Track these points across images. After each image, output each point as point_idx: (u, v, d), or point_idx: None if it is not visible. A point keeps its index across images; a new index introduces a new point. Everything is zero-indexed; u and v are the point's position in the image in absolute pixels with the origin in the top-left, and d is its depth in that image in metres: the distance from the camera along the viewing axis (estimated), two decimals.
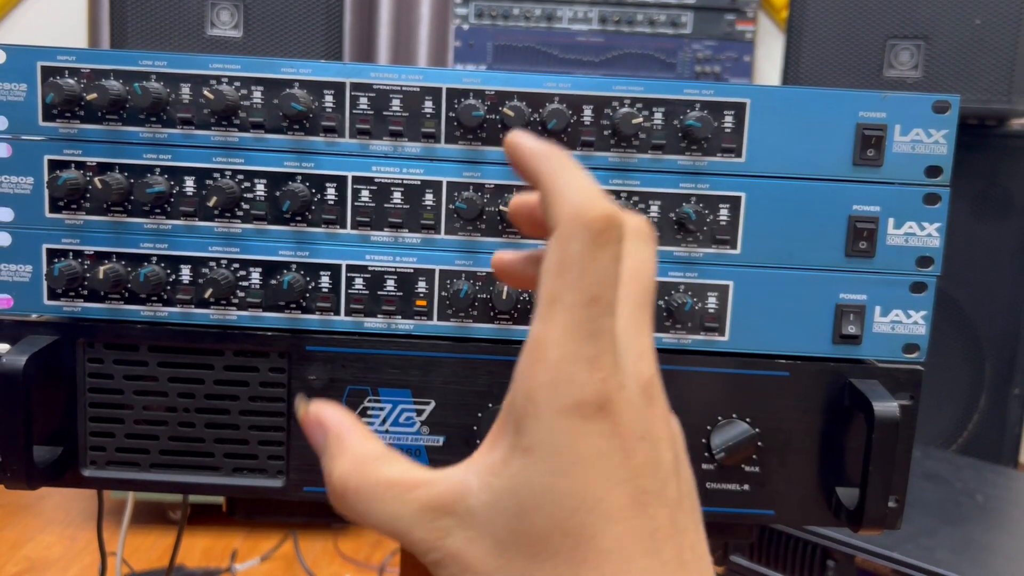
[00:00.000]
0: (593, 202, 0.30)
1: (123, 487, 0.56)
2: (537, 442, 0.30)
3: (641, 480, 0.30)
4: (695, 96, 0.53)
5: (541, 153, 0.33)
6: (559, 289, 0.30)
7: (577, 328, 0.30)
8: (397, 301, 0.55)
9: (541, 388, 0.30)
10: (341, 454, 0.33)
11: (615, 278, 0.31)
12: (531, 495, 0.29)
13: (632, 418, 0.30)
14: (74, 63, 0.53)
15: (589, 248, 0.30)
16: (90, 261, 0.54)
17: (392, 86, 0.53)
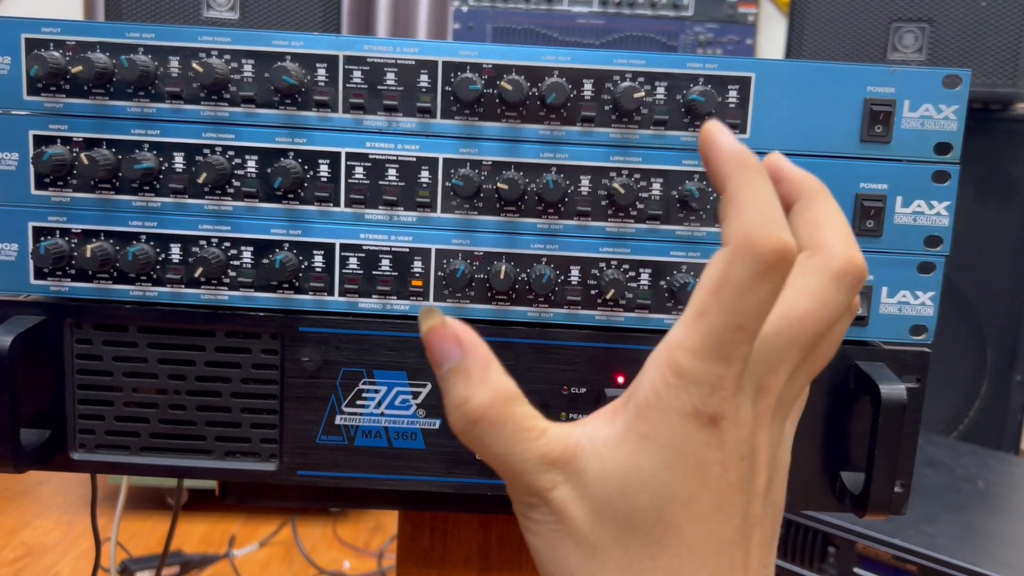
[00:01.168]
0: (770, 232, 0.31)
1: (113, 471, 0.55)
2: (654, 433, 0.33)
3: (731, 493, 0.33)
4: (698, 70, 0.52)
5: (734, 160, 0.33)
6: (711, 305, 0.32)
7: (715, 347, 0.32)
8: (392, 281, 0.54)
9: (669, 388, 0.32)
10: (485, 382, 0.34)
11: (767, 310, 0.32)
12: (639, 478, 0.33)
13: (738, 439, 0.33)
14: (59, 35, 0.51)
15: (752, 277, 0.31)
16: (77, 239, 0.53)
17: (387, 59, 0.52)
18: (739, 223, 0.32)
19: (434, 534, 0.68)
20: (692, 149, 0.53)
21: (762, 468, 0.35)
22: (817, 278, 0.35)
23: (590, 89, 0.52)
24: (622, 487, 0.33)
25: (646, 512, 0.33)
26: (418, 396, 0.54)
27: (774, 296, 0.32)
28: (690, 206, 0.53)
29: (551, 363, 0.54)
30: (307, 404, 0.54)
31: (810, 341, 0.35)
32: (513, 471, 0.34)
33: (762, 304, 0.31)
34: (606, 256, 0.54)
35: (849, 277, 0.35)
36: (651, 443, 0.33)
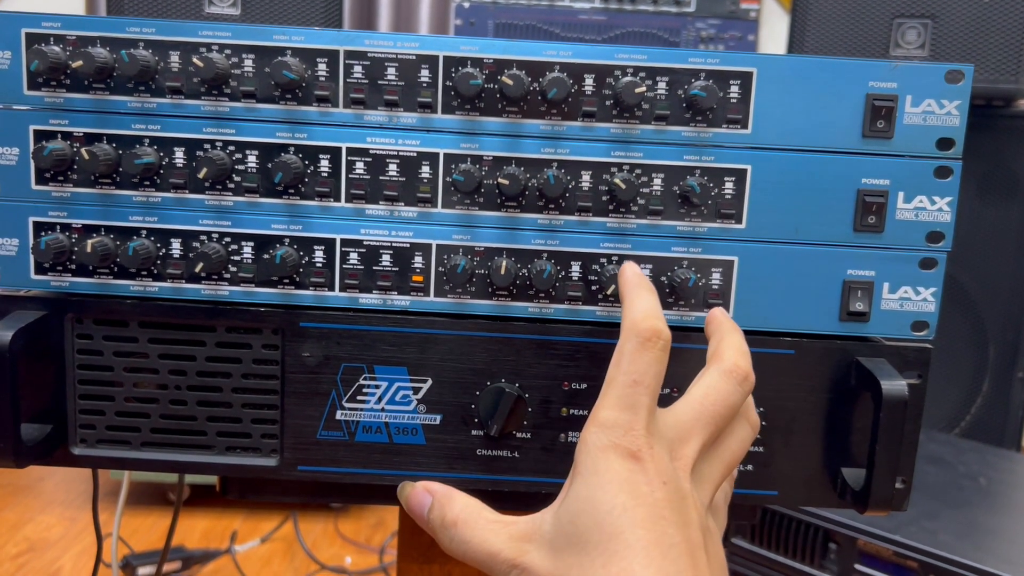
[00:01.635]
0: (646, 318, 0.44)
1: (114, 466, 0.55)
2: (583, 468, 0.42)
3: (661, 508, 0.40)
4: (700, 65, 0.52)
5: (629, 281, 0.47)
6: (613, 374, 0.43)
7: (620, 400, 0.42)
8: (393, 276, 0.54)
9: (591, 434, 0.42)
10: (452, 503, 0.46)
11: (656, 373, 0.43)
12: (577, 504, 0.41)
13: (658, 469, 0.41)
14: (59, 30, 0.51)
15: (637, 348, 0.43)
16: (78, 234, 0.53)
17: (387, 54, 0.52)
18: (628, 316, 0.44)
19: None
20: (693, 144, 0.52)
21: (692, 503, 0.42)
22: (710, 375, 0.45)
23: (591, 84, 0.52)
24: (569, 519, 0.41)
25: (589, 528, 0.40)
26: (419, 392, 0.54)
27: (658, 362, 0.43)
28: (691, 201, 0.52)
29: (552, 359, 0.54)
30: (308, 399, 0.54)
31: (710, 419, 0.44)
32: (491, 553, 0.43)
33: (649, 365, 0.42)
34: (607, 251, 0.53)
35: (735, 374, 0.45)
36: (583, 476, 0.41)
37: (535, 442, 0.55)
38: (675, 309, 0.54)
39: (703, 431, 0.44)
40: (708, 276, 0.54)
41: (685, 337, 0.54)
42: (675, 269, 0.54)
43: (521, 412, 0.54)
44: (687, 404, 0.44)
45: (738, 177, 0.53)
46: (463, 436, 0.55)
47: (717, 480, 0.45)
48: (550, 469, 0.55)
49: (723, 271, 0.54)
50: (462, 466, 0.55)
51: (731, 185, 0.53)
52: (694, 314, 0.54)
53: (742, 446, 0.46)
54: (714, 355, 0.47)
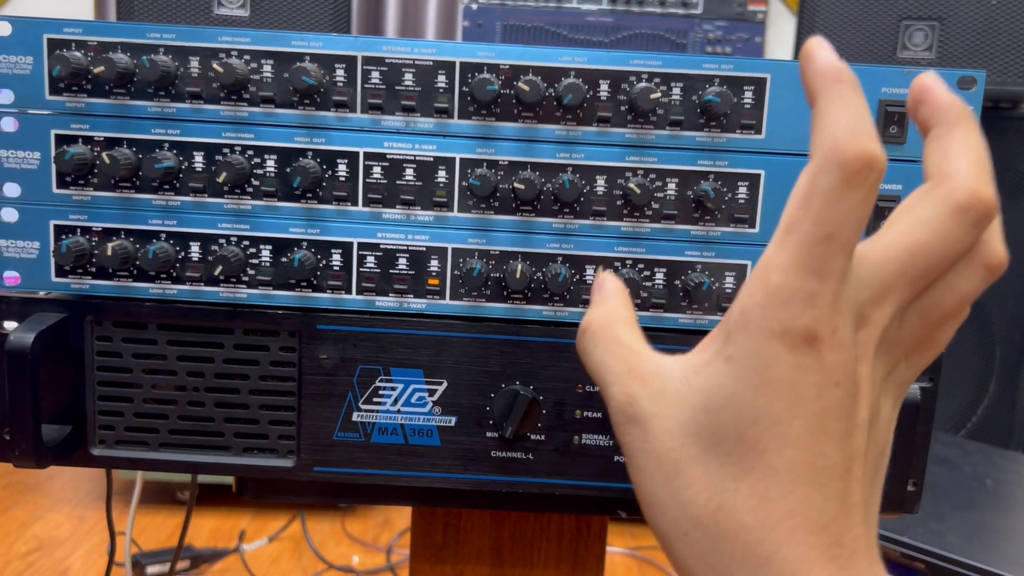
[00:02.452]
0: (855, 140, 0.30)
1: (132, 466, 0.56)
2: (739, 354, 0.32)
3: (825, 420, 0.31)
4: (714, 71, 0.52)
5: (828, 74, 0.32)
6: (798, 218, 0.31)
7: (805, 261, 0.30)
8: (409, 280, 0.54)
9: (756, 307, 0.31)
10: (601, 305, 0.40)
11: (859, 221, 0.30)
12: (721, 396, 0.32)
13: (834, 362, 0.31)
14: (81, 35, 0.52)
15: (838, 186, 0.30)
16: (98, 238, 0.54)
17: (404, 60, 0.52)
18: (825, 133, 0.31)
19: (447, 530, 0.68)
20: (707, 149, 0.53)
21: (863, 400, 0.32)
22: (935, 209, 0.33)
23: (606, 90, 0.52)
24: (704, 406, 0.33)
25: (727, 431, 0.32)
26: (434, 394, 0.55)
27: (864, 206, 0.31)
28: (705, 206, 0.53)
29: (566, 361, 0.54)
30: (324, 401, 0.55)
31: (920, 275, 0.33)
32: (604, 380, 0.37)
33: (851, 212, 0.30)
34: (621, 255, 0.54)
35: (972, 212, 0.32)
36: (736, 363, 0.32)
37: (549, 444, 0.55)
38: (689, 313, 0.54)
39: (907, 288, 0.33)
40: (722, 280, 0.54)
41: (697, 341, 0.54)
42: (689, 273, 0.54)
43: (535, 414, 0.54)
44: (894, 249, 0.33)
45: (751, 182, 0.53)
46: (478, 438, 0.55)
47: (911, 343, 0.35)
48: (564, 471, 0.55)
49: (737, 275, 0.54)
50: (477, 467, 0.55)
51: (744, 190, 0.53)
52: (708, 317, 0.55)
53: (960, 299, 0.34)
54: (940, 169, 0.33)
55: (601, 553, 0.69)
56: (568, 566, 0.69)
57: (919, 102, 0.36)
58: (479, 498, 0.60)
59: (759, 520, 0.31)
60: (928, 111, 0.36)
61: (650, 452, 0.34)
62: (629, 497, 0.57)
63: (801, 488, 0.31)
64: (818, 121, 0.32)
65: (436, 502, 0.61)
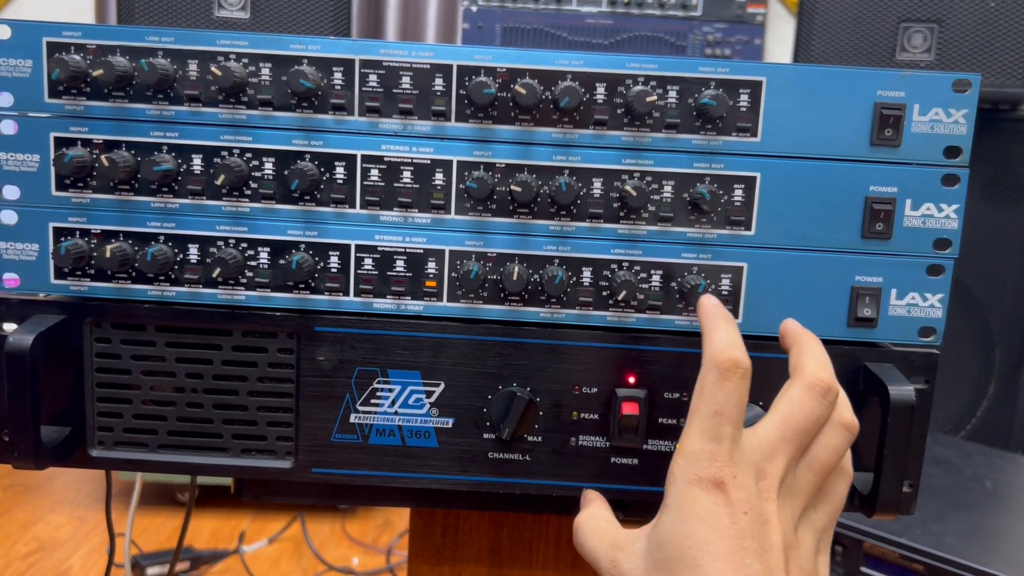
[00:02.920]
0: (726, 349, 0.45)
1: (131, 468, 0.56)
2: (671, 500, 0.44)
3: (741, 539, 0.42)
4: (710, 74, 0.52)
5: (708, 313, 0.48)
6: (696, 405, 0.45)
7: (704, 431, 0.44)
8: (406, 282, 0.54)
9: (678, 467, 0.44)
10: (586, 507, 0.52)
11: (737, 402, 0.44)
12: (664, 535, 0.44)
13: (739, 498, 0.43)
14: (80, 39, 0.52)
15: (717, 379, 0.44)
16: (97, 240, 0.54)
17: (402, 63, 0.52)
18: (708, 348, 0.46)
19: (446, 531, 0.69)
20: (703, 152, 0.53)
21: (774, 528, 0.43)
22: (793, 390, 0.46)
23: (603, 93, 0.53)
24: (658, 546, 0.44)
25: (674, 559, 0.43)
26: (431, 395, 0.55)
27: (738, 391, 0.44)
28: (701, 208, 0.53)
29: (563, 363, 0.55)
30: (322, 403, 0.55)
31: (795, 436, 0.45)
32: (595, 556, 0.48)
33: (729, 395, 0.44)
34: (618, 258, 0.54)
35: (817, 386, 0.46)
36: (671, 509, 0.44)
37: (546, 445, 0.55)
38: (685, 315, 0.55)
39: (788, 447, 0.45)
40: (718, 282, 0.54)
41: (694, 343, 0.54)
42: (685, 275, 0.54)
43: (532, 416, 0.55)
44: (771, 423, 0.45)
45: (747, 184, 0.53)
46: (475, 439, 0.55)
47: (809, 490, 0.46)
48: (561, 472, 0.56)
49: (732, 277, 0.54)
50: (474, 469, 0.56)
51: (740, 192, 0.53)
52: None
53: (832, 452, 0.46)
54: (795, 368, 0.47)
55: None
56: (566, 567, 0.69)
57: (783, 336, 0.51)
58: (477, 499, 0.60)
59: None
60: (789, 339, 0.50)
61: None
62: (625, 498, 0.57)
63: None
64: (704, 341, 0.46)
65: (434, 503, 0.62)
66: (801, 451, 0.46)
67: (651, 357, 0.55)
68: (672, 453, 0.55)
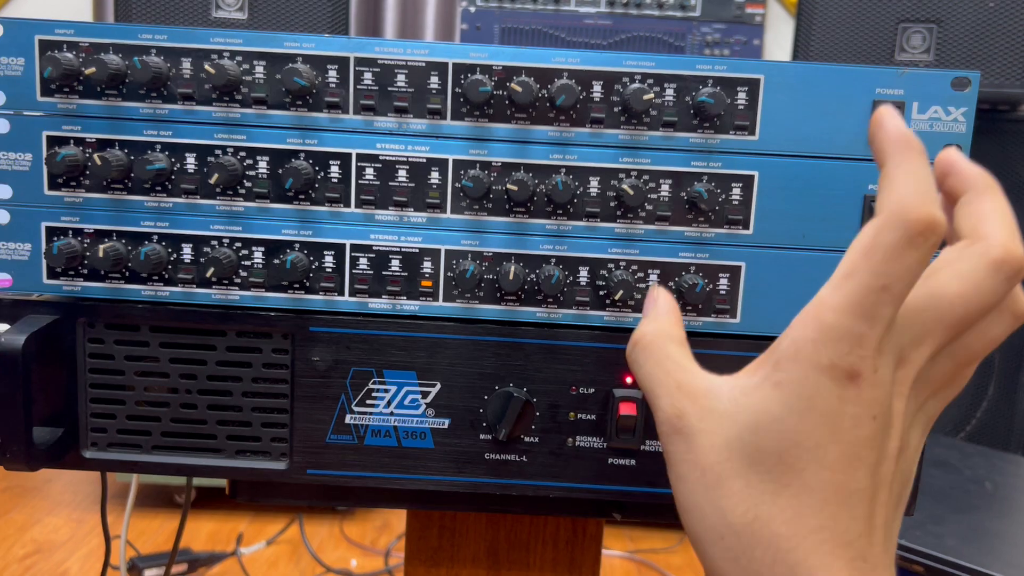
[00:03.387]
0: (921, 204, 0.34)
1: (124, 469, 0.55)
2: (787, 381, 0.35)
3: (859, 448, 0.35)
4: (707, 72, 0.52)
5: (897, 140, 0.37)
6: (859, 266, 0.34)
7: (859, 305, 0.34)
8: (402, 281, 0.54)
9: (808, 341, 0.35)
10: (655, 320, 0.42)
11: (914, 278, 0.34)
12: (767, 419, 0.35)
13: (872, 398, 0.35)
14: (73, 37, 0.52)
15: (900, 243, 0.33)
16: (90, 239, 0.53)
17: (397, 61, 0.52)
18: (893, 194, 0.34)
19: (442, 533, 0.68)
20: (701, 151, 0.53)
21: (895, 432, 0.36)
22: (972, 264, 0.36)
23: (599, 91, 0.52)
24: (750, 425, 0.36)
25: (770, 451, 0.35)
26: (427, 396, 0.54)
27: (920, 265, 0.34)
28: (699, 207, 0.53)
29: (560, 363, 0.54)
30: (317, 403, 0.54)
31: (956, 323, 0.36)
32: (653, 392, 0.39)
33: (908, 269, 0.34)
34: (615, 257, 0.54)
35: (1005, 267, 0.36)
36: (784, 390, 0.35)
37: (543, 446, 0.55)
38: (683, 315, 0.54)
39: (944, 334, 0.37)
40: (716, 281, 0.54)
41: (691, 343, 0.54)
42: (683, 275, 0.54)
43: (529, 416, 0.54)
44: (933, 299, 0.36)
45: (745, 183, 0.53)
46: (472, 440, 0.55)
47: (943, 380, 0.39)
48: (558, 473, 0.55)
49: (731, 277, 0.54)
50: (470, 470, 0.55)
51: (738, 191, 0.53)
52: (702, 319, 0.54)
53: (988, 344, 0.38)
54: (975, 230, 0.37)
55: (597, 556, 0.69)
56: (564, 569, 0.69)
57: (946, 174, 0.40)
58: (473, 501, 0.59)
59: (791, 531, 0.34)
60: (956, 181, 0.39)
61: (694, 463, 0.37)
62: (623, 499, 0.56)
63: (831, 507, 0.34)
64: (886, 182, 0.35)
65: (430, 505, 0.61)
66: (957, 337, 0.37)
67: None
68: None
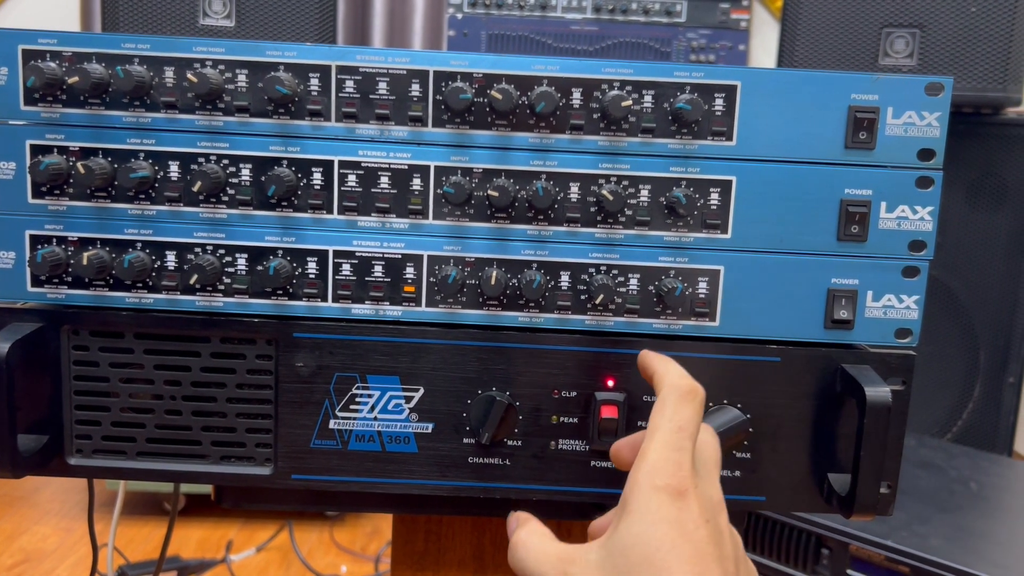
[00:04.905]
0: (685, 378, 0.48)
1: (110, 475, 0.56)
2: (635, 507, 0.44)
3: (705, 546, 0.43)
4: (685, 79, 0.53)
5: (653, 356, 0.51)
6: (659, 421, 0.46)
7: (668, 443, 0.45)
8: (385, 287, 0.54)
9: (643, 475, 0.45)
10: (524, 526, 0.50)
11: (696, 423, 0.46)
12: (628, 540, 0.44)
13: (701, 506, 0.44)
14: (56, 46, 0.52)
15: (680, 400, 0.47)
16: (74, 247, 0.54)
17: (378, 69, 0.53)
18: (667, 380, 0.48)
19: (428, 537, 0.69)
20: (680, 156, 0.53)
21: (727, 539, 0.45)
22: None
23: (579, 98, 0.53)
24: (620, 551, 0.44)
25: (640, 563, 0.43)
26: (411, 400, 0.55)
27: (699, 415, 0.47)
28: (677, 212, 0.53)
29: (542, 367, 0.55)
30: (301, 409, 0.55)
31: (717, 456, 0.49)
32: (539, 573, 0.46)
33: (691, 416, 0.46)
34: (595, 262, 0.54)
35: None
36: (635, 515, 0.44)
37: (526, 449, 0.55)
38: (663, 318, 0.55)
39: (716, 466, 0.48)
40: (695, 285, 0.55)
41: (671, 345, 0.55)
42: (662, 279, 0.54)
43: (512, 420, 0.55)
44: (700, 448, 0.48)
45: (723, 188, 0.54)
46: (455, 444, 0.55)
47: None
48: (540, 476, 0.56)
49: (709, 280, 0.55)
50: (454, 474, 0.56)
51: (716, 196, 0.54)
52: (681, 322, 0.55)
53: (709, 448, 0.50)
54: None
55: None
56: None
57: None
58: (457, 504, 0.60)
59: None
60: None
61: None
62: (606, 502, 0.57)
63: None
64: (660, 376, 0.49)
65: (415, 509, 0.61)
66: None
67: (629, 360, 0.55)
68: None
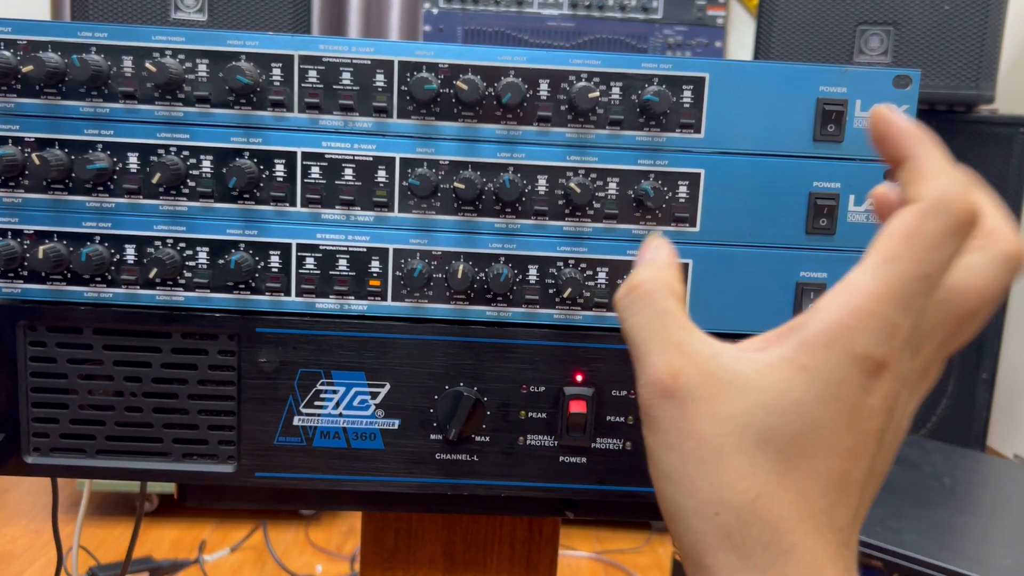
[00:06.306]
0: (966, 195, 0.33)
1: (69, 474, 0.54)
2: (816, 366, 0.33)
3: (868, 439, 0.34)
4: (653, 71, 0.52)
5: (914, 134, 0.36)
6: (901, 252, 0.33)
7: (900, 293, 0.33)
8: (349, 281, 0.53)
9: (843, 328, 0.33)
10: (656, 269, 0.39)
11: (950, 267, 0.34)
12: (787, 400, 0.34)
13: (891, 391, 0.34)
14: (10, 35, 0.51)
15: (945, 231, 0.33)
16: (30, 241, 0.52)
17: (342, 59, 0.52)
18: (935, 183, 0.34)
19: (398, 535, 0.68)
20: (647, 148, 0.53)
21: (895, 426, 0.36)
22: (987, 259, 0.37)
23: (546, 89, 0.52)
24: (765, 404, 0.34)
25: (783, 433, 0.34)
26: (376, 396, 0.54)
27: (957, 256, 0.34)
28: (645, 205, 0.53)
29: (510, 362, 0.54)
30: (265, 405, 0.54)
31: (965, 317, 0.37)
32: (644, 345, 0.36)
33: (949, 259, 0.33)
34: (564, 255, 0.54)
35: (1017, 263, 0.37)
36: (809, 375, 0.34)
37: (494, 445, 0.55)
38: None
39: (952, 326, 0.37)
40: None
41: None
42: (631, 272, 0.54)
43: (479, 416, 0.54)
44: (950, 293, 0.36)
45: (691, 181, 0.53)
46: (422, 440, 0.55)
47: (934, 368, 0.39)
48: (510, 472, 0.55)
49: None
50: (421, 470, 0.55)
51: (685, 189, 0.53)
52: None
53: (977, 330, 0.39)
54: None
55: (553, 556, 0.69)
56: (521, 569, 0.69)
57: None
58: (425, 501, 0.59)
59: (792, 513, 0.34)
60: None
61: (688, 432, 0.35)
62: (575, 497, 0.56)
63: (832, 494, 0.34)
64: (917, 174, 0.35)
65: (383, 506, 0.61)
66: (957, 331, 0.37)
67: (598, 355, 0.54)
68: (621, 452, 0.54)
